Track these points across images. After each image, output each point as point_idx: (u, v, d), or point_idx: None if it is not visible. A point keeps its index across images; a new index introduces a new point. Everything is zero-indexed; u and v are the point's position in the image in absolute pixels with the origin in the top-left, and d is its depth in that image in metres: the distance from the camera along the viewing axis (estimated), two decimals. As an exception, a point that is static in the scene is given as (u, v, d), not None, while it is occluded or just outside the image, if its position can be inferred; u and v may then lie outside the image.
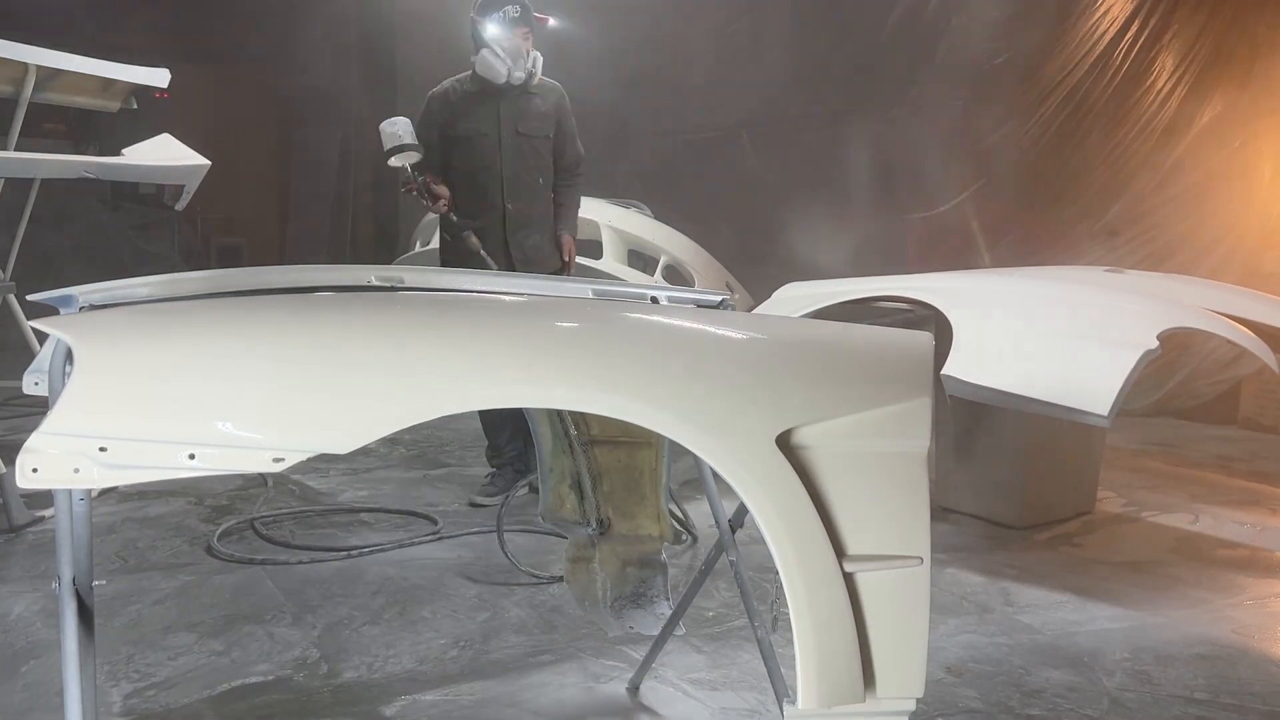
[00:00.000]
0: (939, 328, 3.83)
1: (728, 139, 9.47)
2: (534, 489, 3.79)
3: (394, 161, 4.42)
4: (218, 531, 4.15)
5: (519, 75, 4.54)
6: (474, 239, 4.47)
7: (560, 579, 3.51)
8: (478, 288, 2.21)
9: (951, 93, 7.82)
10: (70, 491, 1.56)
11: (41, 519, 4.18)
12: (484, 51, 4.51)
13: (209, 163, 5.07)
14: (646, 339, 1.81)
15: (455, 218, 4.55)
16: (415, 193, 4.50)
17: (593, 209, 6.57)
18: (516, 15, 4.50)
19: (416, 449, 5.75)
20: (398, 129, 4.36)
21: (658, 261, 6.55)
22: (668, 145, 10.02)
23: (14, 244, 5.27)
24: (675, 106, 9.79)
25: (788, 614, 1.63)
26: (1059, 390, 3.33)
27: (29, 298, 2.03)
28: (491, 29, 4.49)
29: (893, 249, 7.81)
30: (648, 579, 2.75)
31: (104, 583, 2.02)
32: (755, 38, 8.89)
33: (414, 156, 4.42)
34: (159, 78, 5.38)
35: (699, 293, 2.26)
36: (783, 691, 2.12)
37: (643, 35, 9.54)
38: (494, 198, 4.58)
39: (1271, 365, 3.71)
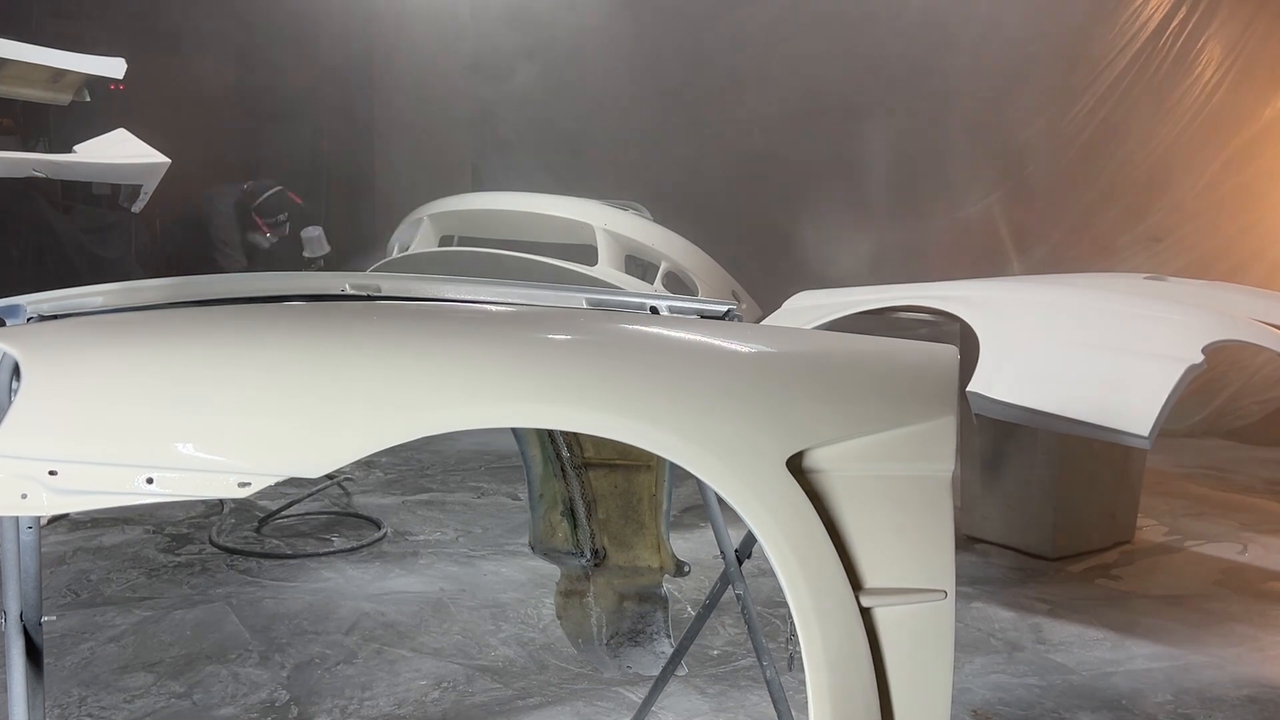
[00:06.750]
0: (964, 341, 3.84)
1: (736, 135, 9.48)
2: None
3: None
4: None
5: None
6: None
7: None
8: (460, 297, 2.21)
9: (979, 84, 7.83)
10: (17, 519, 1.56)
11: (-16, 549, 4.17)
12: None
13: (168, 160, 5.09)
14: (645, 353, 1.81)
15: None
16: None
17: (587, 211, 6.57)
18: None
19: (395, 473, 5.74)
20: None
21: (658, 268, 6.55)
22: (668, 143, 10.04)
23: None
24: (676, 102, 9.81)
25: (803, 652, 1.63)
26: (1095, 409, 3.33)
27: (-28, 307, 2.03)
28: None
29: (914, 254, 7.82)
30: (646, 614, 2.75)
31: (54, 618, 2.00)
32: (767, 26, 8.91)
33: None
34: (114, 68, 5.41)
35: (703, 302, 2.26)
36: (794, 738, 2.12)
37: (646, 29, 9.56)
38: None
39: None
